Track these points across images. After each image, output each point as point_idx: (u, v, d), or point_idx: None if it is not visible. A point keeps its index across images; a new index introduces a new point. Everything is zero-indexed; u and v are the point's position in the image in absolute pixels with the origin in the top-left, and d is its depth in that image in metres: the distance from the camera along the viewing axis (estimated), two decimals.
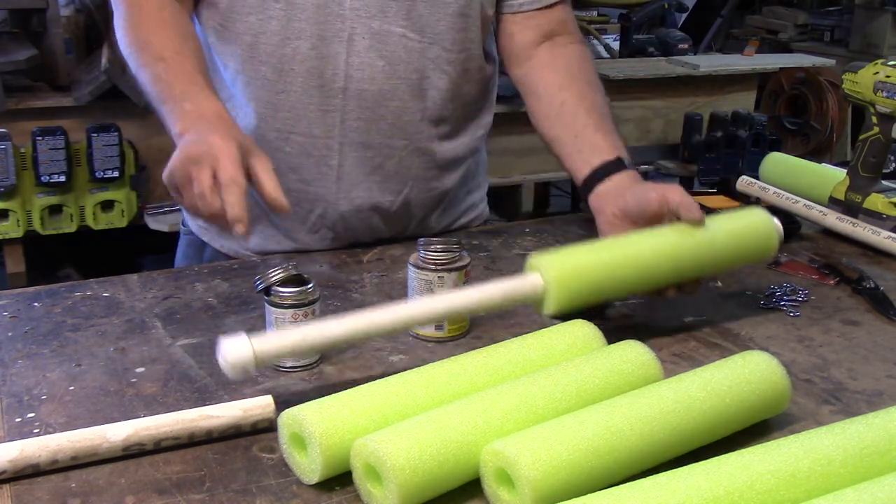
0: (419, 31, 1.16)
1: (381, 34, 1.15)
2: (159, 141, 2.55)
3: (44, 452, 0.74)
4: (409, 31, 1.16)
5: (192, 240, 1.34)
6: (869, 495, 0.66)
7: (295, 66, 1.14)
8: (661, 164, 3.12)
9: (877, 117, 1.30)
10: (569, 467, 0.69)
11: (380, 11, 1.14)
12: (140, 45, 1.10)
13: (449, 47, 1.19)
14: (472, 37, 1.21)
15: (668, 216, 1.02)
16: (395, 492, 0.69)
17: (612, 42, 3.26)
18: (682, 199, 1.00)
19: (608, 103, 1.22)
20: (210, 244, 1.31)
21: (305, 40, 1.13)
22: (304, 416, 0.73)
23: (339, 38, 1.14)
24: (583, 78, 1.23)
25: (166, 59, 1.07)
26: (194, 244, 1.34)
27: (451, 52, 1.20)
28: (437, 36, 1.18)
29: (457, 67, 1.21)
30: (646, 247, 0.98)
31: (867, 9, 3.62)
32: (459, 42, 1.20)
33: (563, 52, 1.25)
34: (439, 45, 1.18)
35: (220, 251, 1.30)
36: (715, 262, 1.03)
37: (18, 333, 0.99)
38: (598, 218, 1.09)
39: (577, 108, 1.19)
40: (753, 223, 1.05)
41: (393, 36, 1.15)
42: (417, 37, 1.16)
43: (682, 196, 1.01)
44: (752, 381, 0.81)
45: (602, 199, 1.09)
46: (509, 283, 0.92)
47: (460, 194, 1.36)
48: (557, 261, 0.94)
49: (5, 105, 2.39)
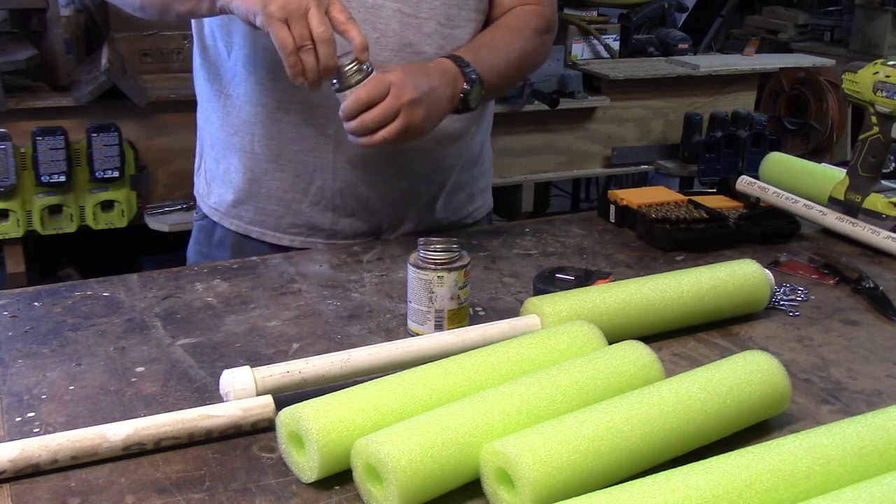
0: (414, 5, 1.19)
1: (374, 8, 1.17)
2: (159, 141, 2.56)
3: (44, 452, 0.74)
4: (404, 7, 1.18)
5: (203, 225, 1.37)
6: (868, 495, 0.66)
7: None
8: (661, 164, 3.12)
9: (876, 117, 1.30)
10: (569, 467, 0.69)
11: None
12: None
13: (444, 22, 1.22)
14: (465, 14, 1.24)
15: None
16: (395, 492, 0.69)
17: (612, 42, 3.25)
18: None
19: (510, 39, 1.26)
20: (220, 223, 1.34)
21: None
22: (302, 415, 0.73)
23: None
24: (502, 24, 1.28)
25: None
26: (205, 229, 1.37)
27: (445, 28, 1.22)
28: (432, 11, 1.20)
29: (452, 43, 1.23)
30: (650, 289, 1.01)
31: (867, 9, 3.62)
32: (454, 18, 1.22)
33: (515, 11, 1.29)
34: (435, 20, 1.21)
35: (230, 229, 1.32)
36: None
37: (18, 333, 0.99)
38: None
39: (475, 39, 1.26)
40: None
41: (387, 10, 1.17)
42: (413, 11, 1.19)
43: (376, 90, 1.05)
44: (753, 381, 0.81)
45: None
46: (508, 323, 0.95)
47: (464, 177, 1.36)
48: (553, 301, 0.97)
49: (5, 105, 2.39)
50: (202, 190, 1.38)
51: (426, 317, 0.98)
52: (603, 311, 0.97)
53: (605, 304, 0.97)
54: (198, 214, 1.40)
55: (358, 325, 1.03)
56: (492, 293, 1.13)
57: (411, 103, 1.07)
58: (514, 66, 1.26)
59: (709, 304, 1.03)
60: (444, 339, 0.91)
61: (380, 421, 0.75)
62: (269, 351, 0.97)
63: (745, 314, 1.08)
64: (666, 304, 1.00)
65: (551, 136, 2.98)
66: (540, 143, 2.97)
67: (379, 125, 1.07)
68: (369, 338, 1.00)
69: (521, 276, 1.18)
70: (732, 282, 1.04)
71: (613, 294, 0.99)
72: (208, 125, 1.33)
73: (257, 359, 0.95)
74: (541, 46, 1.32)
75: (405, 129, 1.08)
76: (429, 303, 0.97)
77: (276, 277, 1.16)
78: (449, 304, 0.97)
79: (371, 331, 1.02)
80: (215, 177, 1.34)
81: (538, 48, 1.31)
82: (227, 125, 1.28)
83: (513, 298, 1.11)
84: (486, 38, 1.25)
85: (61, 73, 2.50)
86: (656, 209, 1.34)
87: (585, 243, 1.31)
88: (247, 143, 1.27)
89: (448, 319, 0.98)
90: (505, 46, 1.24)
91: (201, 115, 1.36)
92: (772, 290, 1.08)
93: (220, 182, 1.33)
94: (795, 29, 3.97)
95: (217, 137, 1.31)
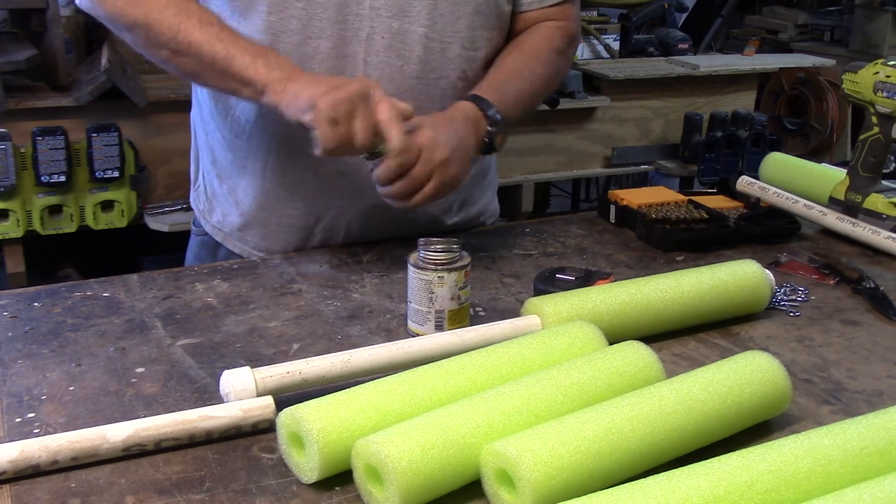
0: (440, 30, 1.17)
1: (400, 34, 1.15)
2: (159, 141, 2.55)
3: (44, 453, 0.74)
4: (430, 32, 1.17)
5: (206, 241, 1.34)
6: (869, 495, 0.66)
7: (315, 66, 1.14)
8: (661, 164, 3.12)
9: (877, 117, 1.30)
10: (570, 468, 0.69)
11: (401, 11, 1.14)
12: (176, 7, 1.08)
13: (467, 45, 1.20)
14: (488, 35, 1.23)
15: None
16: (396, 493, 0.69)
17: (612, 42, 3.25)
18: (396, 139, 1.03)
19: (534, 66, 1.25)
20: (224, 244, 1.31)
21: (326, 39, 1.13)
22: (302, 415, 0.73)
23: (357, 38, 1.14)
24: (525, 48, 1.26)
25: (215, 24, 1.08)
26: (207, 245, 1.34)
27: (468, 50, 1.21)
28: (456, 34, 1.19)
29: (472, 65, 1.22)
30: (651, 290, 1.01)
31: (867, 9, 3.61)
32: (477, 39, 1.21)
33: (539, 28, 1.29)
34: (459, 43, 1.19)
35: (234, 252, 1.30)
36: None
37: (18, 333, 0.99)
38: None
39: (499, 64, 1.24)
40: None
41: (413, 35, 1.16)
42: (438, 36, 1.17)
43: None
44: (754, 381, 0.81)
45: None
46: (509, 323, 0.95)
47: (475, 192, 1.36)
48: (553, 301, 0.97)
49: (5, 105, 2.39)
50: (202, 206, 1.34)
51: (426, 317, 0.98)
52: (603, 312, 0.96)
53: (606, 305, 0.97)
54: (197, 229, 1.37)
55: (358, 326, 1.03)
56: (492, 293, 1.13)
57: (443, 164, 1.07)
58: (536, 94, 1.26)
59: (709, 305, 1.03)
60: (444, 339, 0.91)
61: (380, 421, 0.75)
62: (269, 351, 0.97)
63: (746, 314, 1.08)
64: (666, 305, 1.00)
65: (551, 136, 2.97)
66: (540, 143, 2.96)
67: (414, 190, 1.06)
68: (370, 338, 1.00)
69: (522, 276, 1.18)
70: (733, 282, 1.04)
71: (614, 294, 0.99)
72: (210, 140, 1.29)
73: (257, 359, 0.95)
74: (563, 65, 1.31)
75: (440, 189, 1.08)
76: (429, 303, 0.97)
77: (276, 278, 1.16)
78: (449, 305, 0.97)
79: (371, 331, 1.02)
80: (218, 195, 1.30)
81: (560, 68, 1.30)
82: (236, 148, 1.24)
83: (513, 299, 1.11)
84: (510, 66, 1.23)
85: (61, 73, 2.50)
86: (656, 209, 1.34)
87: (585, 243, 1.31)
88: (258, 171, 1.23)
89: (448, 320, 0.98)
90: (529, 73, 1.23)
91: (200, 126, 1.31)
92: (772, 290, 1.08)
93: (224, 202, 1.29)
94: (795, 29, 3.96)
95: (222, 156, 1.27)
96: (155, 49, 1.11)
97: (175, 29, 1.07)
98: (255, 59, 1.05)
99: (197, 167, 1.35)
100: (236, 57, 1.06)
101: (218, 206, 1.31)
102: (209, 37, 1.07)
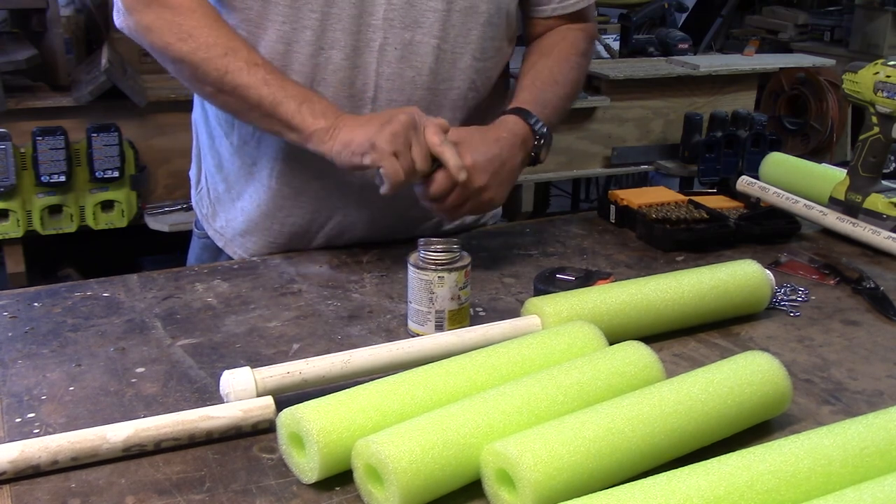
0: (452, 41, 1.17)
1: (412, 44, 1.15)
2: (159, 141, 2.55)
3: (44, 453, 0.74)
4: (442, 43, 1.17)
5: (208, 244, 1.34)
6: (869, 495, 0.66)
7: (327, 76, 1.14)
8: (661, 164, 3.12)
9: (877, 117, 1.30)
10: (570, 468, 0.69)
11: (414, 22, 1.14)
12: (224, 47, 1.08)
13: (478, 56, 1.20)
14: (497, 45, 1.23)
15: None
16: (396, 493, 0.69)
17: (612, 42, 3.25)
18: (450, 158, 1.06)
19: (566, 71, 1.26)
20: (225, 250, 1.31)
21: (339, 50, 1.13)
22: (303, 415, 0.73)
23: (370, 49, 1.14)
24: (555, 55, 1.28)
25: (261, 65, 1.08)
26: (209, 248, 1.34)
27: (478, 61, 1.21)
28: (468, 45, 1.19)
29: (482, 76, 1.23)
30: (651, 290, 1.01)
31: (867, 9, 3.62)
32: (487, 50, 1.21)
33: (561, 32, 1.30)
34: (469, 54, 1.19)
35: (234, 258, 1.29)
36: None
37: (18, 333, 0.99)
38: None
39: (532, 71, 1.26)
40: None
41: (425, 46, 1.16)
42: (450, 47, 1.17)
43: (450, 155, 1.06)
44: (754, 382, 0.81)
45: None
46: (509, 323, 0.95)
47: None
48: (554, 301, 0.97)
49: (5, 105, 2.39)
50: (205, 210, 1.33)
51: (426, 317, 0.98)
52: (603, 312, 0.96)
53: (606, 305, 0.97)
54: (199, 231, 1.36)
55: (358, 326, 1.03)
56: (492, 293, 1.13)
57: (480, 190, 1.10)
58: (570, 99, 1.27)
59: (709, 305, 1.03)
60: (444, 339, 0.91)
61: (380, 422, 0.75)
62: (269, 351, 0.97)
63: (746, 314, 1.08)
64: (666, 305, 1.00)
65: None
66: None
67: (451, 210, 1.11)
68: (370, 338, 1.00)
69: (522, 276, 1.18)
70: (733, 282, 1.04)
71: (614, 294, 0.99)
72: (217, 145, 1.28)
73: (257, 359, 0.95)
74: (587, 66, 1.32)
75: (476, 210, 1.13)
76: (429, 303, 0.97)
77: (276, 278, 1.16)
78: (449, 305, 0.97)
79: (371, 331, 1.02)
80: (221, 200, 1.30)
81: (585, 70, 1.32)
82: (243, 154, 1.24)
83: (513, 299, 1.11)
84: (544, 73, 1.24)
85: (61, 73, 2.51)
86: (656, 209, 1.34)
87: (586, 243, 1.31)
88: (264, 177, 1.23)
89: (448, 320, 0.98)
90: (562, 80, 1.25)
91: (204, 129, 1.30)
92: (772, 290, 1.08)
93: (228, 207, 1.29)
94: (795, 29, 3.97)
95: (229, 162, 1.27)
96: (200, 85, 1.11)
97: (223, 70, 1.07)
98: (300, 106, 1.07)
99: (199, 169, 1.35)
100: (283, 103, 1.07)
101: (222, 211, 1.31)
102: (256, 80, 1.07)
